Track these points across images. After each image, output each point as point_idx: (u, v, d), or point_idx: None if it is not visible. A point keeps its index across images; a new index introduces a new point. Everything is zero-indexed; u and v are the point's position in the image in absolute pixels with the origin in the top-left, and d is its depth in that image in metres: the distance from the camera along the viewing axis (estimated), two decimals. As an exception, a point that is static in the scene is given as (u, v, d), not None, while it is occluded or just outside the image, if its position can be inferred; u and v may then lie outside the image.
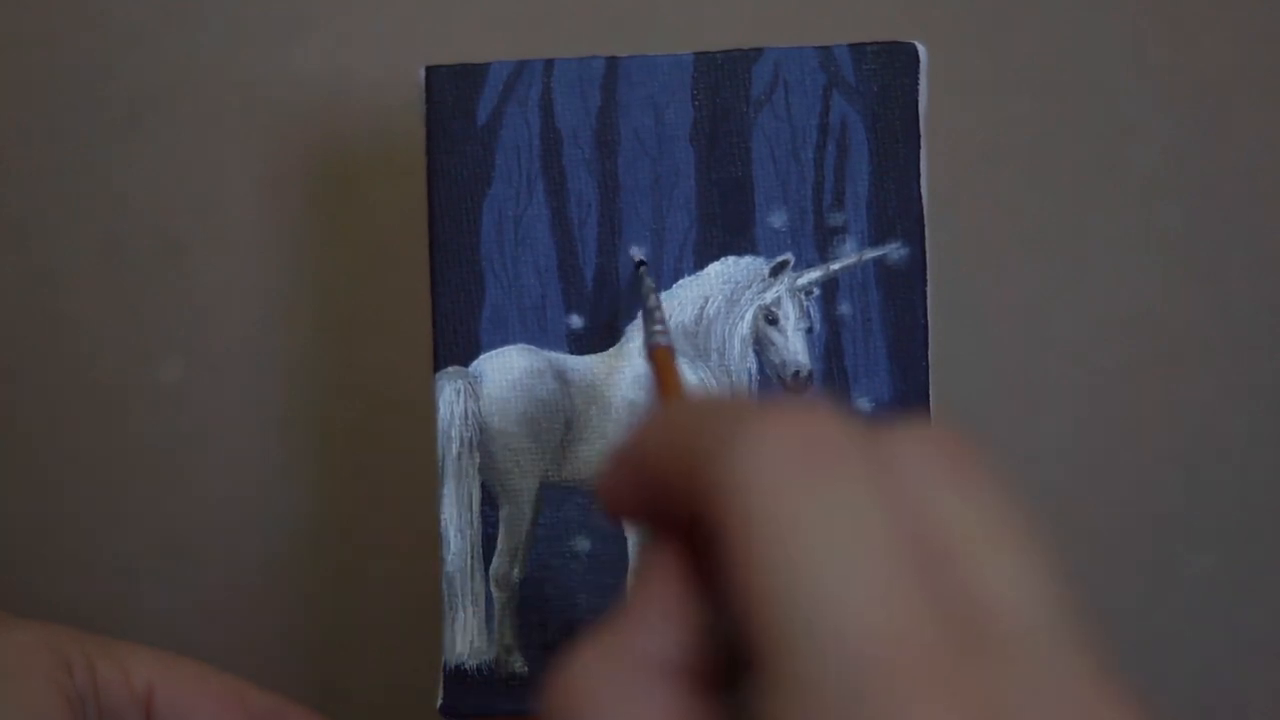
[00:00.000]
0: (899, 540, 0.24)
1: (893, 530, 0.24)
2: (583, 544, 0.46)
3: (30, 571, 0.58)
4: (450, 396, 0.45)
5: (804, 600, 0.23)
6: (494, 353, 0.46)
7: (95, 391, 0.58)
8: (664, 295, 0.46)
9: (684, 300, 0.46)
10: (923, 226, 0.45)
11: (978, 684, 0.22)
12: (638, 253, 0.46)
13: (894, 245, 0.45)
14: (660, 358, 0.40)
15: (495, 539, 0.45)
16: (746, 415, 0.25)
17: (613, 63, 0.46)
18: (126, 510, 0.58)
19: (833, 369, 0.45)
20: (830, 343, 0.46)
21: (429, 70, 0.46)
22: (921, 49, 0.45)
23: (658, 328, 0.42)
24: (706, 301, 0.46)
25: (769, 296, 0.46)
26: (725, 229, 0.46)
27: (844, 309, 0.45)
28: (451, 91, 0.46)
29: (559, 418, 0.46)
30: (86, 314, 0.58)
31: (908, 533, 0.24)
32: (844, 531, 0.23)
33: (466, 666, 0.45)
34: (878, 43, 0.45)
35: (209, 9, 0.58)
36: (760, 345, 0.46)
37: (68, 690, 0.39)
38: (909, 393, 0.45)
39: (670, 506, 0.27)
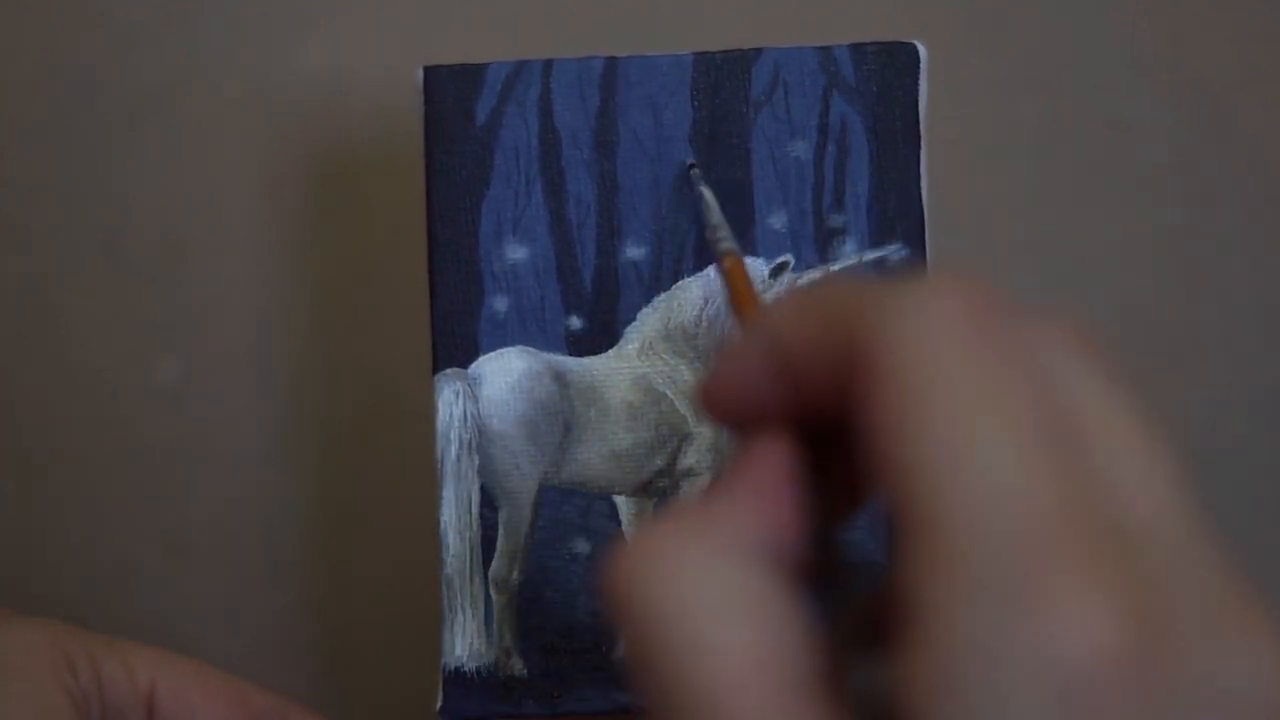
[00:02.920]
0: (1049, 419, 0.23)
1: (1043, 408, 0.24)
2: (582, 546, 0.45)
3: (30, 571, 0.58)
4: (449, 398, 0.45)
5: (962, 467, 0.23)
6: (493, 355, 0.46)
7: (95, 391, 0.58)
8: (664, 296, 0.46)
9: (684, 301, 0.46)
10: (923, 228, 0.45)
11: (1121, 563, 0.22)
12: (689, 157, 0.45)
13: (894, 247, 0.45)
14: (732, 268, 0.39)
15: (494, 541, 0.45)
16: (909, 283, 0.25)
17: (612, 63, 0.46)
18: (126, 510, 0.58)
19: (832, 370, 0.45)
20: (830, 344, 0.45)
21: (427, 70, 0.46)
22: (921, 49, 0.45)
23: (721, 234, 0.41)
24: (706, 303, 0.46)
25: (769, 298, 0.45)
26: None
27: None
28: (450, 92, 0.46)
29: (558, 420, 0.46)
30: (86, 314, 0.58)
31: (1054, 413, 0.24)
32: (1002, 404, 0.23)
33: (466, 669, 0.45)
34: (878, 43, 0.45)
35: (209, 9, 0.58)
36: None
37: (72, 688, 0.39)
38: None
39: (798, 383, 0.26)
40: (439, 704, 0.45)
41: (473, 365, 0.46)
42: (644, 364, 0.46)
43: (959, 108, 0.55)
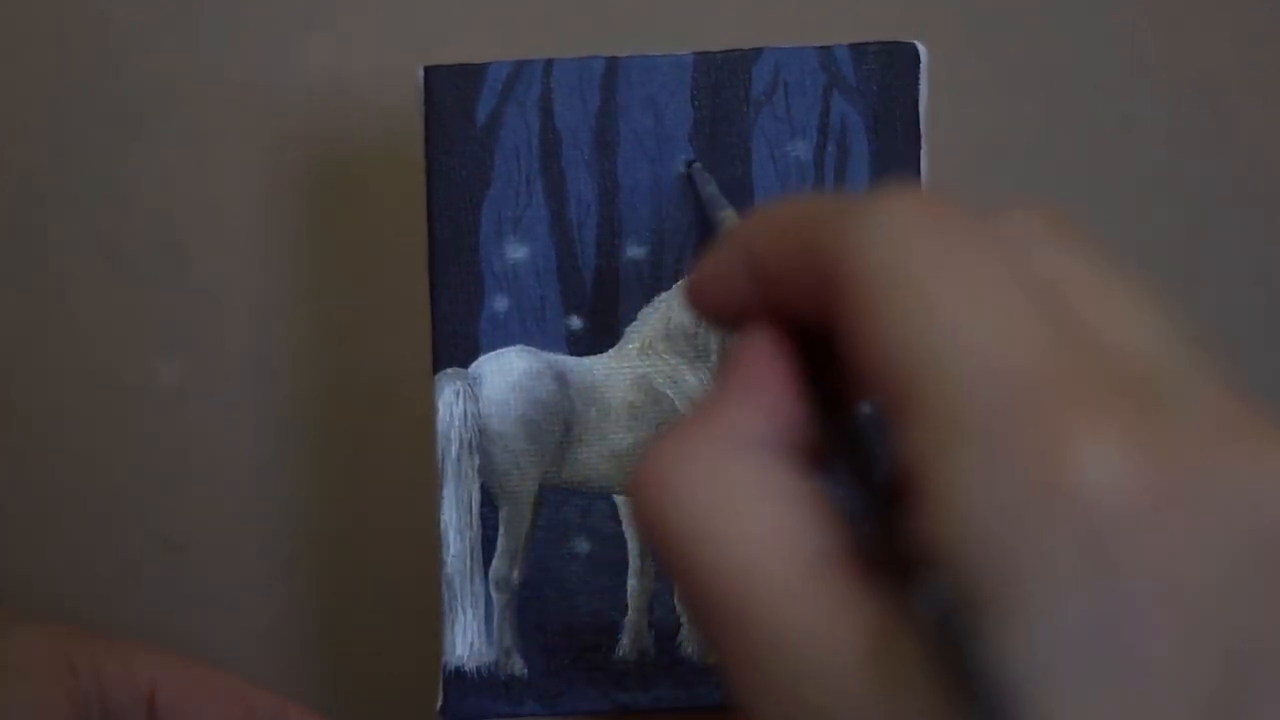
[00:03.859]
0: (1026, 281, 0.24)
1: (1018, 275, 0.24)
2: (582, 546, 0.45)
3: (30, 571, 0.58)
4: (449, 398, 0.45)
5: (948, 337, 0.23)
6: (493, 354, 0.46)
7: (95, 391, 0.58)
8: (664, 296, 0.46)
9: (684, 301, 0.46)
10: (923, 227, 0.45)
11: (1125, 396, 0.22)
12: (689, 156, 0.46)
13: (894, 246, 0.45)
14: None
15: (495, 541, 0.45)
16: (869, 194, 0.25)
17: (612, 63, 0.46)
18: (126, 510, 0.58)
19: (833, 370, 0.45)
20: (830, 344, 0.45)
21: (428, 70, 0.46)
22: (922, 49, 0.45)
23: (727, 212, 0.42)
24: (706, 303, 0.46)
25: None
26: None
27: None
28: (451, 92, 0.46)
29: (558, 419, 0.46)
30: (86, 314, 0.58)
31: (1030, 277, 0.24)
32: (979, 278, 0.23)
33: (466, 669, 0.45)
34: (878, 43, 0.45)
35: (209, 9, 0.58)
36: (760, 346, 0.46)
37: (72, 689, 0.39)
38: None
39: (775, 293, 0.27)
40: (439, 703, 0.45)
41: (473, 365, 0.45)
42: (645, 364, 0.46)
43: (959, 108, 0.55)
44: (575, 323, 0.46)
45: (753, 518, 0.25)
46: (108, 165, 0.58)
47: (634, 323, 0.46)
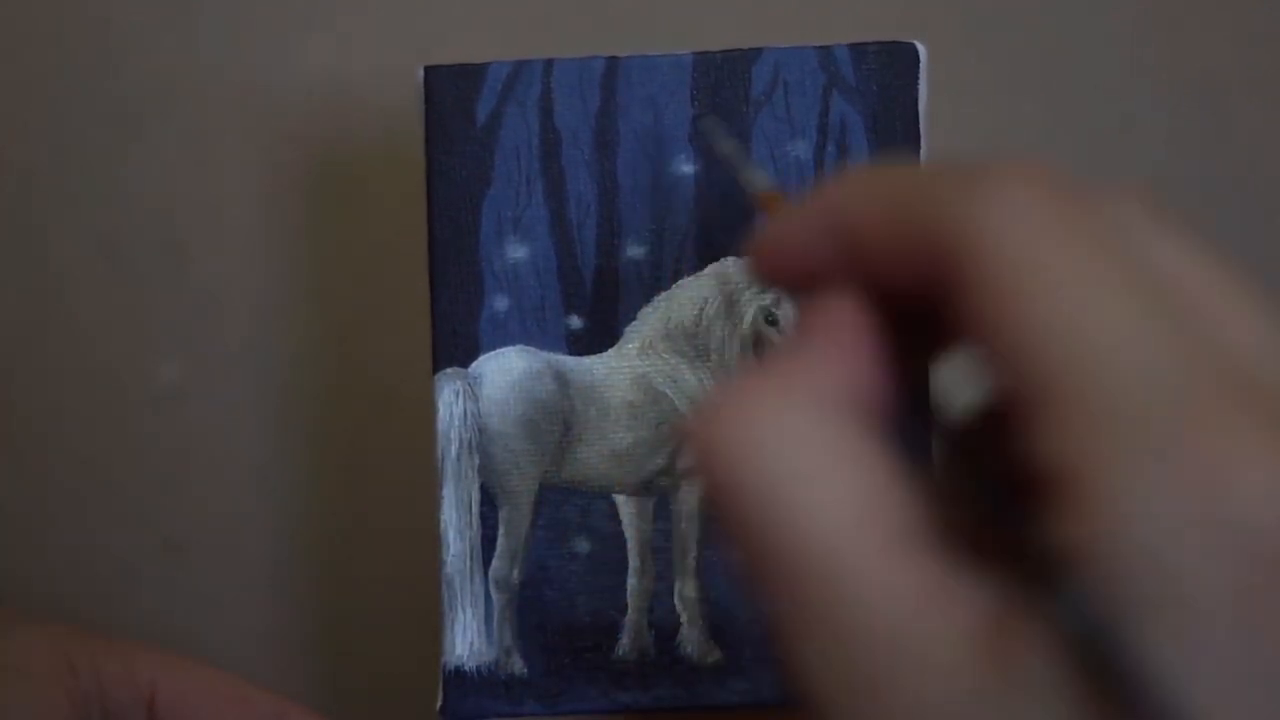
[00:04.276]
0: (1154, 285, 0.23)
1: (1145, 276, 0.23)
2: (582, 545, 0.45)
3: (30, 571, 0.58)
4: (449, 398, 0.45)
5: (1095, 335, 0.22)
6: (493, 354, 0.46)
7: (95, 391, 0.58)
8: (664, 296, 0.46)
9: (683, 301, 0.46)
10: (923, 227, 0.45)
11: (1262, 405, 0.22)
12: (704, 118, 0.45)
13: (894, 246, 0.45)
14: (773, 207, 0.38)
15: (495, 540, 0.45)
16: (978, 166, 0.25)
17: (612, 63, 0.46)
18: (126, 510, 0.58)
19: (833, 370, 0.45)
20: (830, 344, 0.45)
21: (428, 70, 0.46)
22: (922, 49, 0.45)
23: (757, 173, 0.41)
24: (706, 302, 0.46)
25: (769, 298, 0.45)
26: (725, 230, 0.46)
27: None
28: (451, 92, 0.46)
29: (558, 419, 0.46)
30: (86, 314, 0.58)
31: (1156, 280, 0.24)
32: (1108, 275, 0.23)
33: (466, 668, 0.45)
34: (878, 43, 0.45)
35: (209, 9, 0.58)
36: (760, 346, 0.46)
37: (72, 689, 0.39)
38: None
39: (866, 261, 0.26)
40: (439, 703, 0.45)
41: (473, 364, 0.45)
42: (644, 363, 0.46)
43: (959, 107, 0.55)
44: (575, 322, 0.46)
45: (828, 485, 0.23)
46: (108, 165, 0.58)
47: (634, 322, 0.46)
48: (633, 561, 0.45)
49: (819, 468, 0.24)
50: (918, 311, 0.26)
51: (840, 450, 0.24)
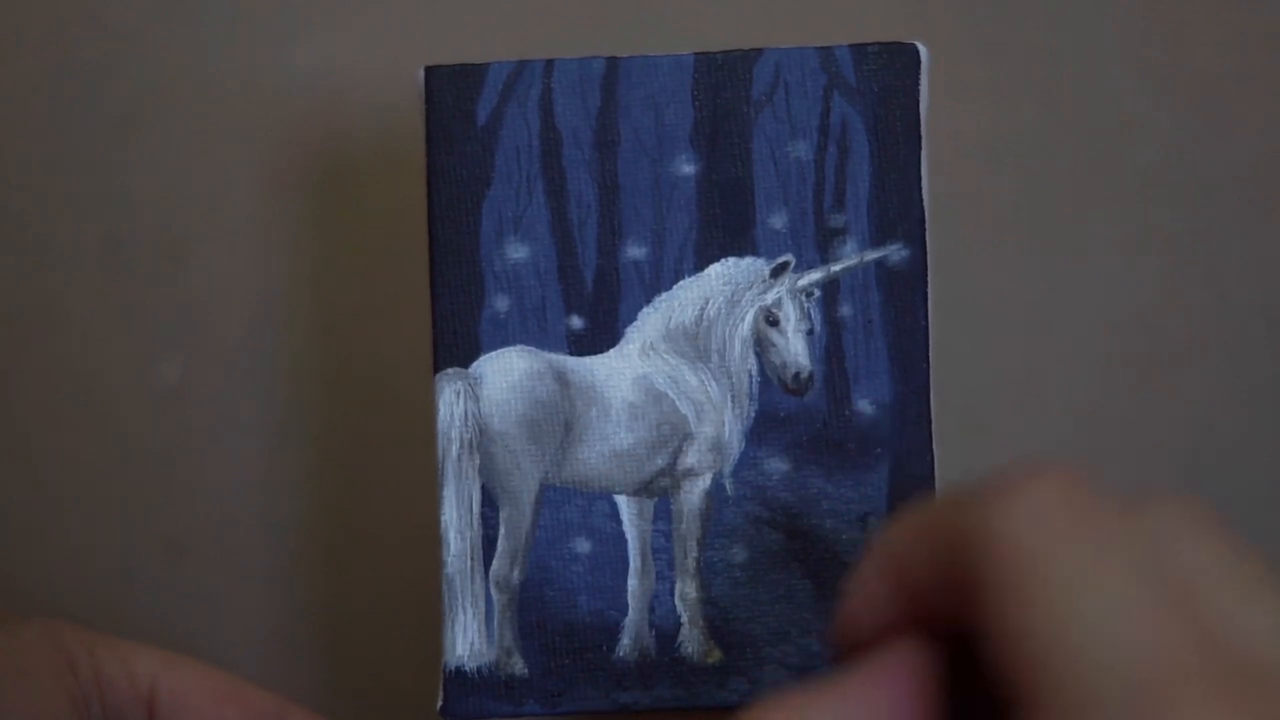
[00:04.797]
0: (1157, 578, 0.24)
1: (1150, 571, 0.24)
2: (583, 545, 0.46)
3: (30, 571, 0.58)
4: (450, 398, 0.45)
5: (1071, 628, 0.23)
6: (494, 354, 0.46)
7: (95, 391, 0.58)
8: (664, 296, 0.46)
9: (684, 301, 0.46)
10: (924, 227, 0.45)
11: (1251, 702, 0.23)
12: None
13: (895, 246, 0.45)
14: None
15: (495, 541, 0.45)
16: (1002, 485, 0.26)
17: (613, 63, 0.46)
18: (126, 510, 0.58)
19: (834, 370, 0.45)
20: (831, 344, 0.45)
21: (428, 70, 0.46)
22: (923, 49, 0.45)
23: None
24: (707, 303, 0.46)
25: (770, 298, 0.46)
26: (726, 230, 0.46)
27: (845, 310, 0.45)
28: (451, 92, 0.46)
29: (558, 419, 0.46)
30: (86, 314, 0.58)
31: (1162, 575, 0.24)
32: (1106, 571, 0.24)
33: (467, 668, 0.45)
34: (879, 43, 0.45)
35: (209, 9, 0.58)
36: (761, 347, 0.46)
37: (72, 689, 0.39)
38: (910, 394, 0.45)
39: (916, 600, 0.27)
40: (439, 703, 0.45)
41: (474, 365, 0.46)
42: (645, 364, 0.46)
43: (960, 108, 0.55)
44: (576, 323, 0.46)
45: None
46: (107, 165, 0.58)
47: (634, 323, 0.46)
48: (633, 562, 0.45)
49: None
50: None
51: None
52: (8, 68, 0.58)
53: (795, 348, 0.45)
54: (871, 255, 0.45)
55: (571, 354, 0.46)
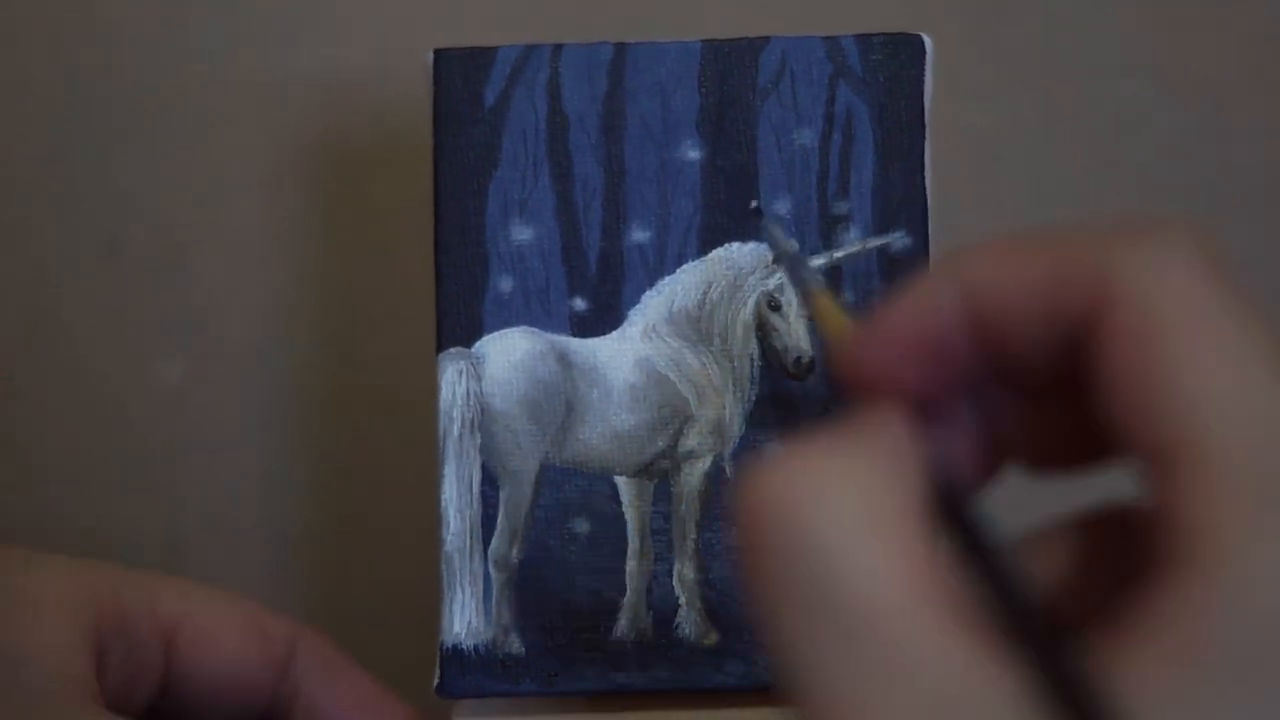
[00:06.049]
0: None
1: None
2: (582, 526, 0.45)
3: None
4: (452, 377, 0.45)
5: (1245, 402, 0.23)
6: (497, 334, 0.46)
7: (95, 391, 0.58)
8: (668, 280, 0.46)
9: (687, 285, 0.46)
10: (926, 216, 0.46)
11: None
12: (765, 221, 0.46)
13: (897, 234, 0.46)
14: (821, 305, 0.36)
15: (495, 520, 0.45)
16: (1144, 234, 0.25)
17: (620, 49, 0.46)
18: (126, 510, 0.57)
19: (835, 355, 0.46)
20: (833, 328, 0.46)
21: (438, 53, 0.46)
22: (928, 40, 0.46)
23: (814, 274, 0.42)
24: (710, 287, 0.46)
25: (772, 283, 0.46)
26: (730, 215, 0.46)
27: (847, 297, 0.46)
28: (459, 74, 0.46)
29: (560, 400, 0.46)
30: (86, 314, 0.58)
31: None
32: (1267, 348, 0.23)
33: (464, 647, 0.45)
34: (884, 33, 0.46)
35: (209, 9, 0.58)
36: (763, 331, 0.46)
37: (87, 625, 0.39)
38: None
39: (995, 334, 0.26)
40: (436, 681, 0.45)
41: (476, 344, 0.46)
42: (647, 346, 0.46)
43: (963, 98, 0.55)
44: (579, 304, 0.46)
45: (890, 552, 0.23)
46: (107, 165, 0.58)
47: (637, 305, 0.46)
48: (632, 543, 0.45)
49: (878, 533, 0.23)
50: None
51: (902, 520, 0.24)
52: (8, 68, 0.58)
53: (797, 332, 0.46)
54: (874, 242, 0.46)
55: (574, 335, 0.46)
